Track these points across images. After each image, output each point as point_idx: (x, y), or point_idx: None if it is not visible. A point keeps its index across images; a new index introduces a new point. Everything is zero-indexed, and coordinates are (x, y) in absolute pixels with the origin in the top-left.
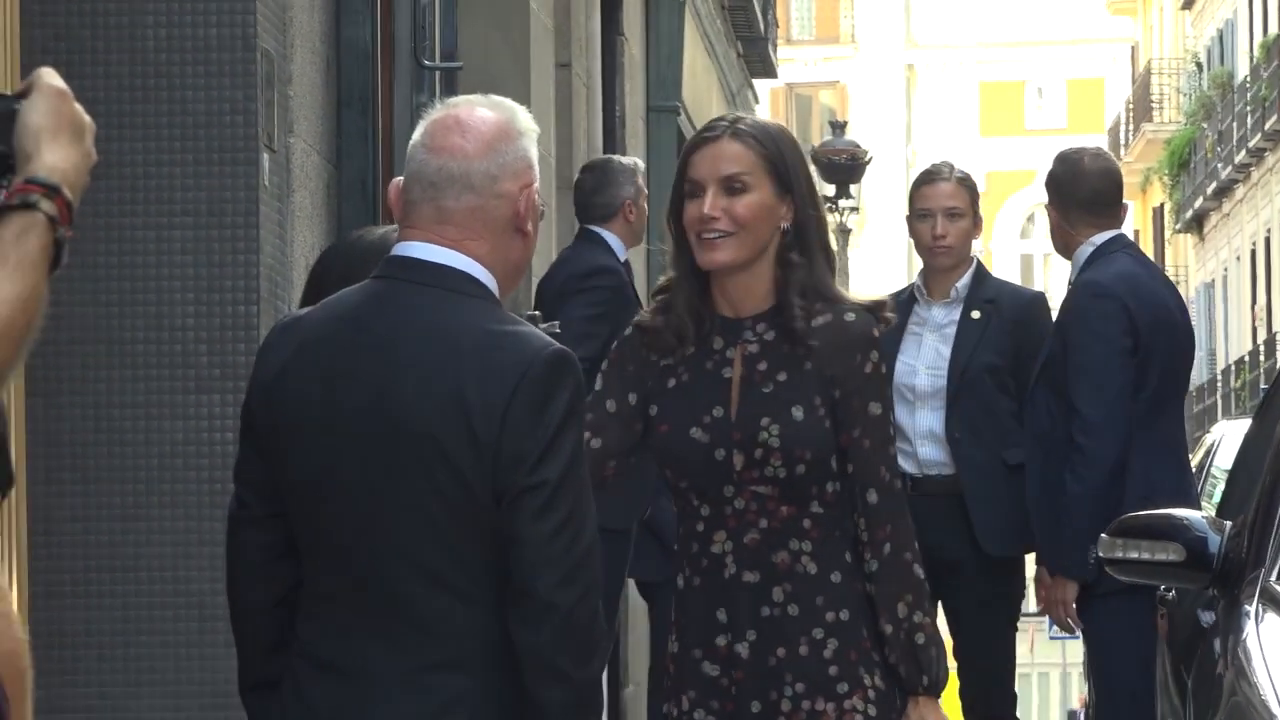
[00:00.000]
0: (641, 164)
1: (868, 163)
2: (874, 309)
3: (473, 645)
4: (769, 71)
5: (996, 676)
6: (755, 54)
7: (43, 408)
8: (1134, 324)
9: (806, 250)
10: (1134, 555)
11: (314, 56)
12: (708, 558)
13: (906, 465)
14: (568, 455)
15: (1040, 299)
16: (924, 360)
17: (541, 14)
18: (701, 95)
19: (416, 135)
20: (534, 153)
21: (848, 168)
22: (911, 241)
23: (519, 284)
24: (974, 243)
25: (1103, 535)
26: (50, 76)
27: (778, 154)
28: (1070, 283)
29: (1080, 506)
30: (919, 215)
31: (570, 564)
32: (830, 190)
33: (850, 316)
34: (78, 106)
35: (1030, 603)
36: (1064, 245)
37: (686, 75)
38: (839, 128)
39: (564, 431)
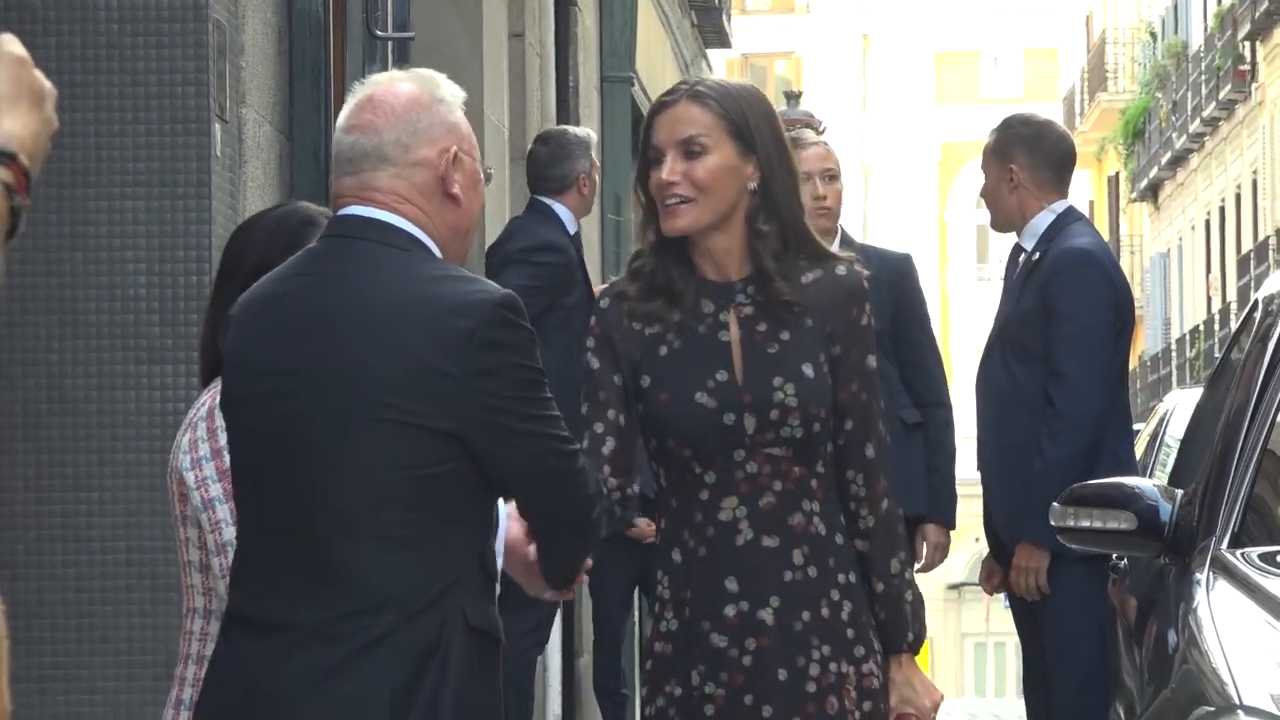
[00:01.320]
0: (594, 135)
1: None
2: (855, 263)
3: (391, 595)
4: (723, 41)
5: None
6: (710, 24)
7: None
8: (1117, 297)
9: (775, 212)
10: (1086, 524)
11: (266, 27)
12: (715, 525)
13: None
14: (541, 394)
15: (909, 260)
16: None
17: None
18: (655, 65)
19: (339, 119)
20: (456, 118)
21: None
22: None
23: (466, 248)
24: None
25: (1054, 504)
26: (10, 43)
27: (739, 114)
28: (1027, 251)
29: (1060, 472)
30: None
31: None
32: None
33: (841, 270)
34: (38, 73)
35: (972, 573)
36: (1019, 209)
37: (640, 45)
38: (794, 98)
39: (533, 369)
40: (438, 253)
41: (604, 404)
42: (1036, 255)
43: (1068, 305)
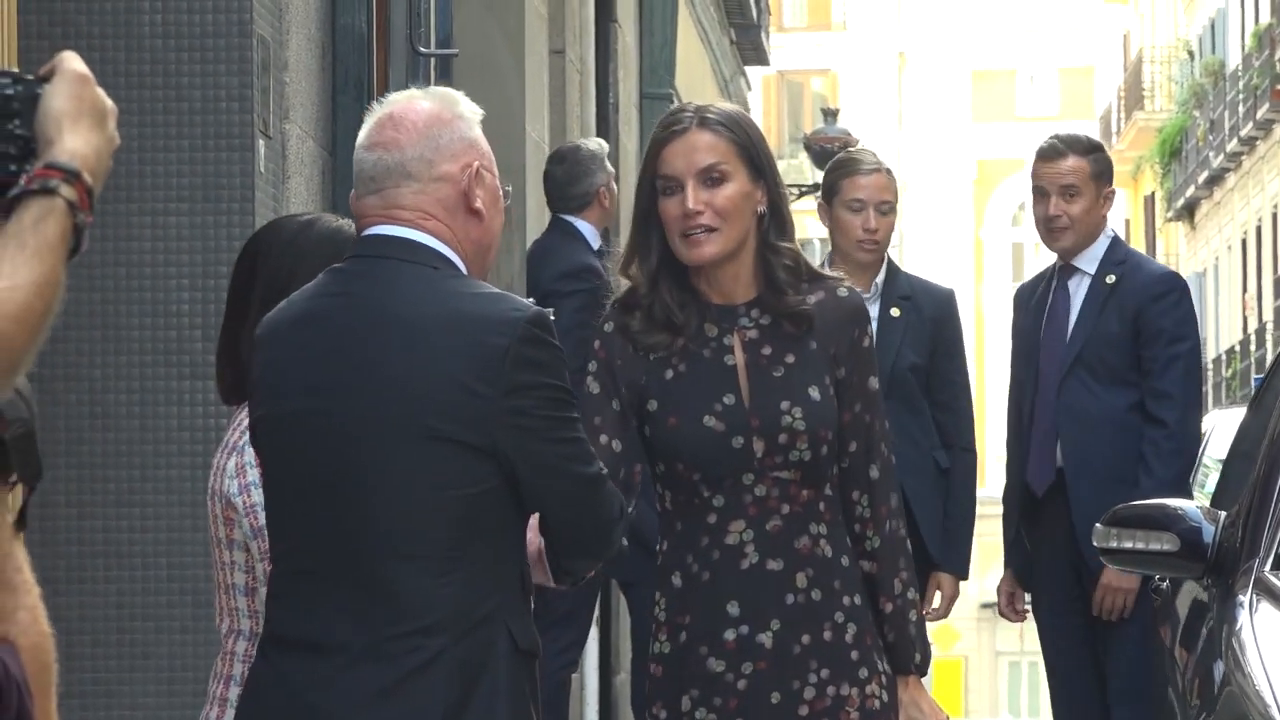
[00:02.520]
0: (606, 145)
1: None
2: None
3: (442, 615)
4: (761, 59)
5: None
6: (748, 41)
7: (38, 394)
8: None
9: (784, 233)
10: (1129, 545)
11: (309, 43)
12: (720, 549)
13: None
14: (568, 413)
15: (952, 296)
16: None
17: (536, 1)
18: (695, 82)
19: (359, 138)
20: (476, 134)
21: None
22: (831, 230)
23: (489, 264)
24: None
25: (1097, 525)
26: (72, 61)
27: (748, 140)
28: (1077, 272)
29: (1171, 492)
30: (850, 206)
31: (601, 513)
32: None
33: (843, 292)
34: (100, 91)
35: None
36: (1089, 232)
37: (680, 62)
38: (831, 115)
39: (564, 389)
40: (464, 269)
41: (598, 429)
42: (1113, 276)
43: (1173, 328)
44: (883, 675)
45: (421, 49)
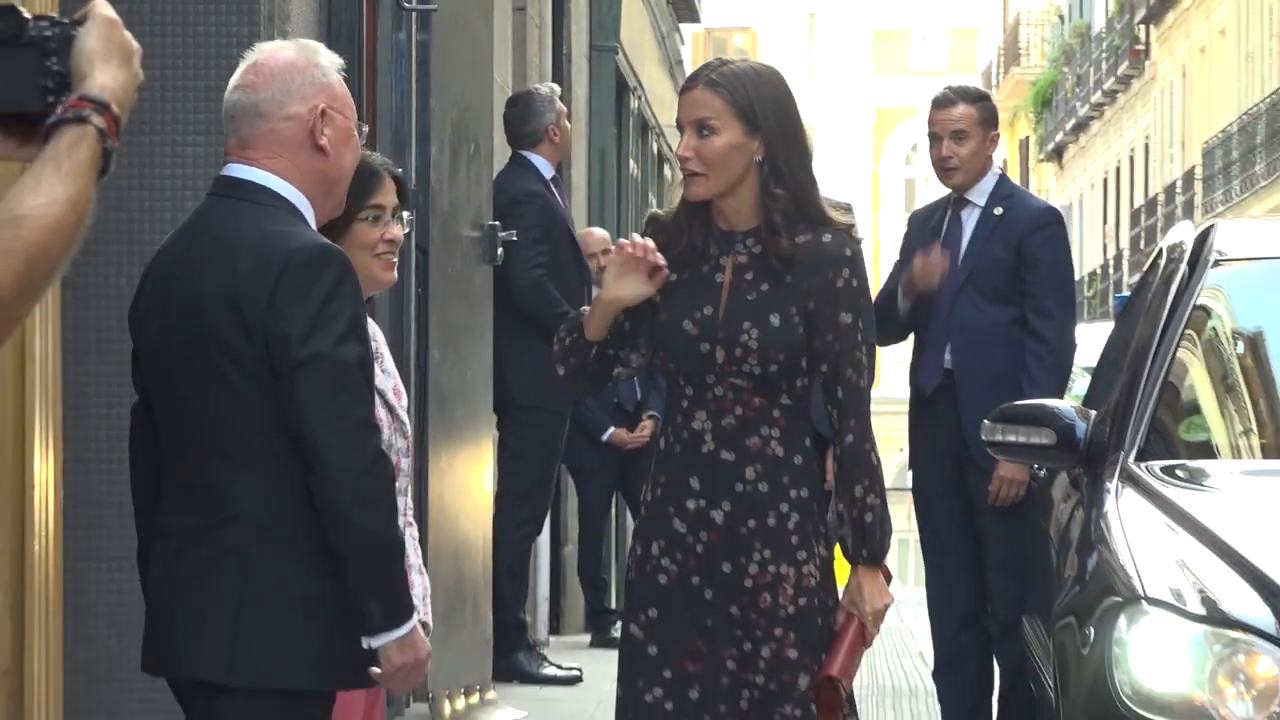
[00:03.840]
0: (558, 88)
1: None
2: (849, 230)
3: (248, 505)
4: (693, 17)
5: None
6: (682, 2)
7: (72, 299)
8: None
9: (782, 179)
10: (1012, 439)
11: (307, 3)
12: (688, 431)
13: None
14: (338, 332)
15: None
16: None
17: None
18: (636, 37)
19: (230, 80)
20: (330, 80)
21: None
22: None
23: (340, 193)
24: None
25: (985, 421)
26: (103, 7)
27: (745, 99)
28: (968, 203)
29: (1053, 394)
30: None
31: (349, 425)
32: None
33: (827, 238)
34: (127, 34)
35: (897, 480)
36: (977, 170)
37: (624, 20)
38: None
39: (328, 310)
40: (298, 202)
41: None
42: (1000, 209)
43: (1051, 256)
44: (818, 559)
45: (405, 4)
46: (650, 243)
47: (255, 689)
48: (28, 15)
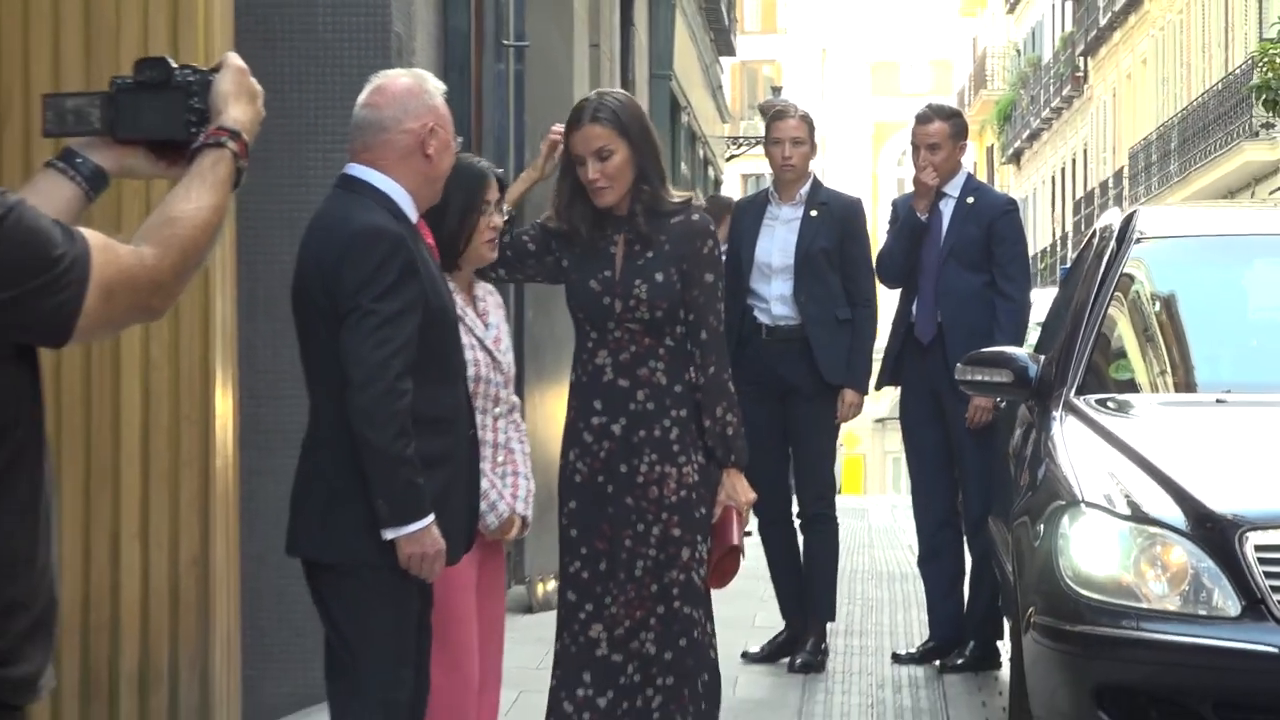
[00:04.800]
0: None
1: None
2: (710, 211)
3: (333, 426)
4: (730, 51)
5: (823, 465)
6: (721, 39)
7: (245, 272)
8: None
9: (647, 179)
10: (980, 378)
11: (429, 37)
12: (593, 365)
13: (763, 318)
14: (377, 291)
15: (858, 202)
16: (776, 244)
17: (580, 9)
18: (686, 67)
19: (359, 98)
20: (436, 102)
21: None
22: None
23: (437, 189)
24: (812, 163)
25: (958, 364)
26: (234, 57)
27: (622, 124)
28: (958, 196)
29: (1017, 342)
30: (774, 143)
31: (373, 364)
32: None
33: (695, 217)
34: (253, 79)
35: (892, 411)
36: (949, 172)
37: (677, 53)
38: (776, 90)
39: (374, 275)
40: (396, 196)
41: (529, 230)
42: (971, 199)
43: (1013, 234)
44: (695, 463)
45: (505, 42)
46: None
47: (337, 564)
48: (174, 64)
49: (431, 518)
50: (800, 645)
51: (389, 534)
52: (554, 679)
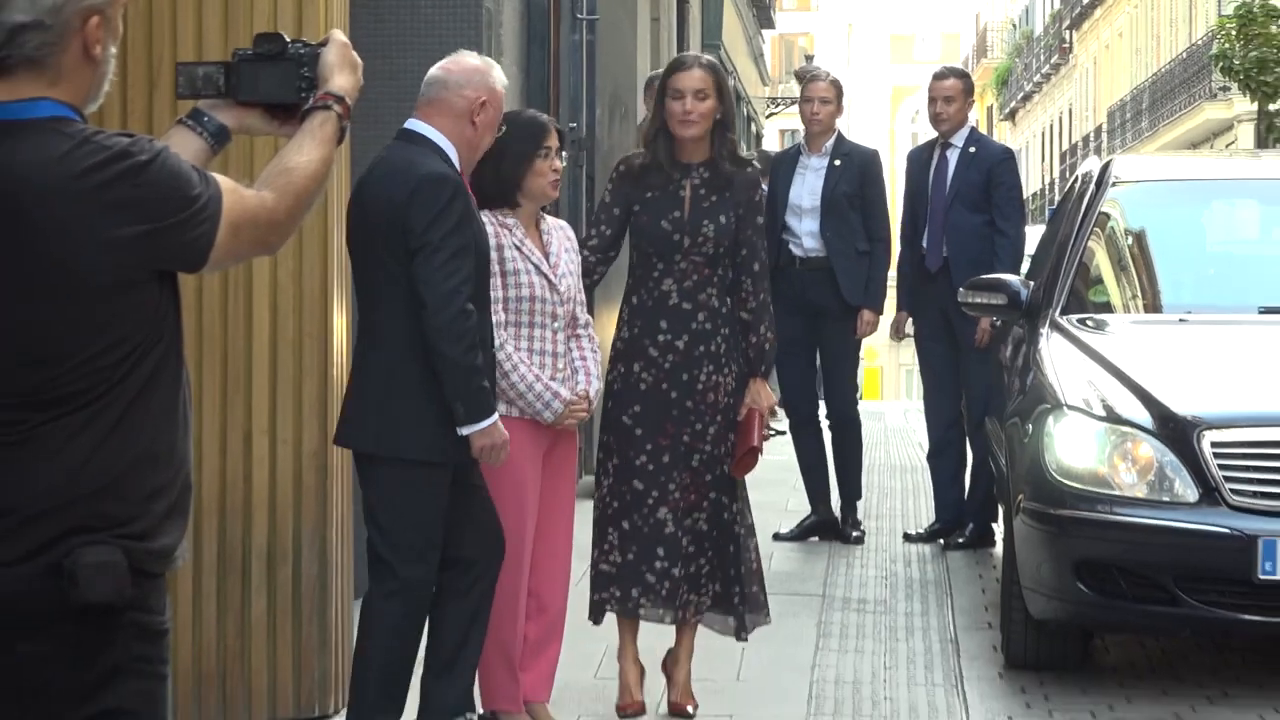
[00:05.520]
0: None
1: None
2: (762, 162)
3: (392, 339)
4: (770, 25)
5: (848, 375)
6: (763, 15)
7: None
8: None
9: (730, 129)
10: (979, 300)
11: (514, 12)
12: (659, 291)
13: (795, 250)
14: (445, 229)
15: (876, 153)
16: (806, 188)
17: None
18: (733, 37)
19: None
20: (496, 87)
21: None
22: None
23: (475, 156)
24: (839, 120)
25: (960, 289)
26: (339, 34)
27: (720, 80)
28: (961, 147)
29: (1011, 269)
30: (806, 101)
31: (446, 290)
32: None
33: (750, 170)
34: (354, 53)
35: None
36: (959, 123)
37: (725, 25)
38: (809, 58)
39: (440, 214)
40: (447, 149)
41: (602, 218)
42: (973, 149)
43: (1009, 178)
44: (735, 371)
45: (579, 15)
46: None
47: (392, 458)
48: (288, 39)
49: (497, 415)
50: (846, 525)
51: (464, 430)
52: (628, 555)
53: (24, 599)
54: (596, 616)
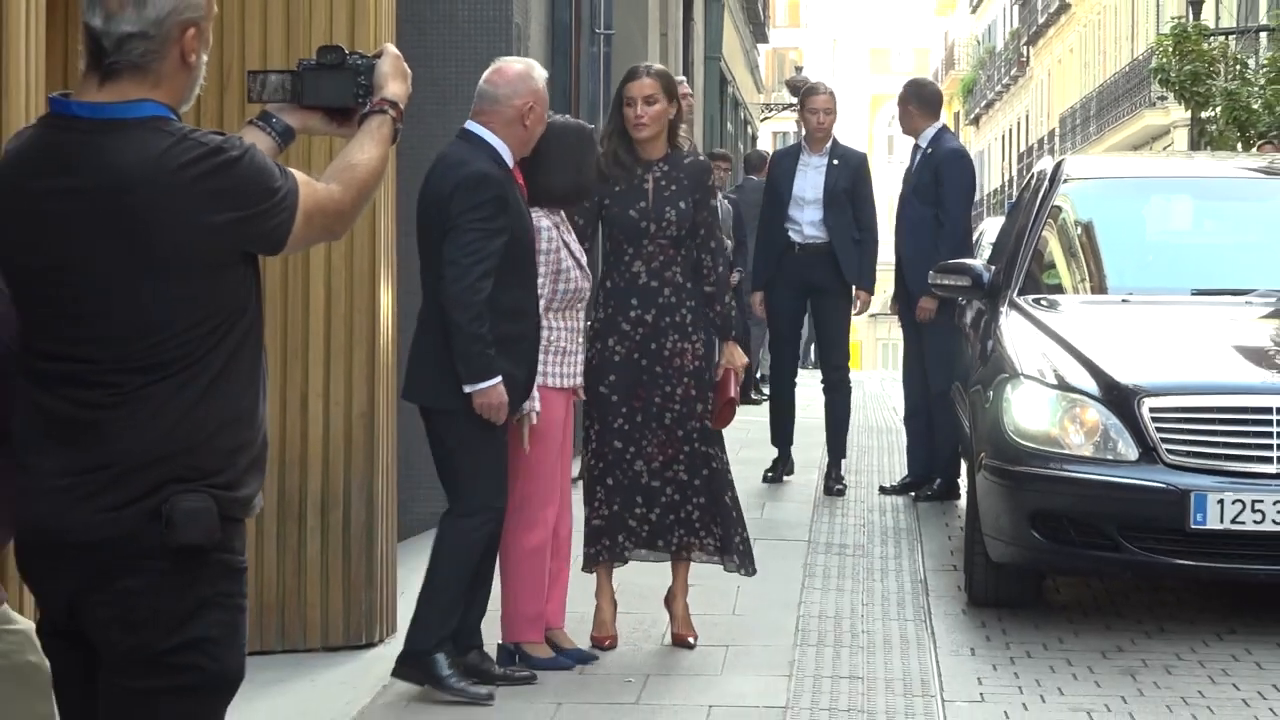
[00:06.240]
0: (685, 82)
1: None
2: (713, 158)
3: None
4: (765, 40)
5: (841, 343)
6: (758, 31)
7: (406, 199)
8: (972, 172)
9: (678, 129)
10: (946, 281)
11: (540, 28)
12: (629, 273)
13: (796, 237)
14: (478, 217)
15: (865, 156)
16: (809, 184)
17: (653, 6)
18: (732, 51)
19: (484, 74)
20: (538, 86)
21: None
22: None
23: (528, 149)
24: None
25: (930, 271)
26: (392, 48)
27: (668, 85)
28: (923, 147)
29: (948, 256)
30: (809, 110)
31: (463, 267)
32: (794, 102)
33: (703, 159)
34: (404, 64)
35: (883, 308)
36: (913, 128)
37: (725, 39)
38: (799, 69)
39: (476, 206)
40: (500, 149)
41: (580, 226)
42: (929, 149)
43: (955, 175)
44: (704, 339)
45: (597, 30)
46: None
47: (447, 410)
48: (347, 50)
49: (497, 379)
50: (830, 479)
51: (466, 389)
52: (613, 506)
53: (128, 539)
54: (589, 566)
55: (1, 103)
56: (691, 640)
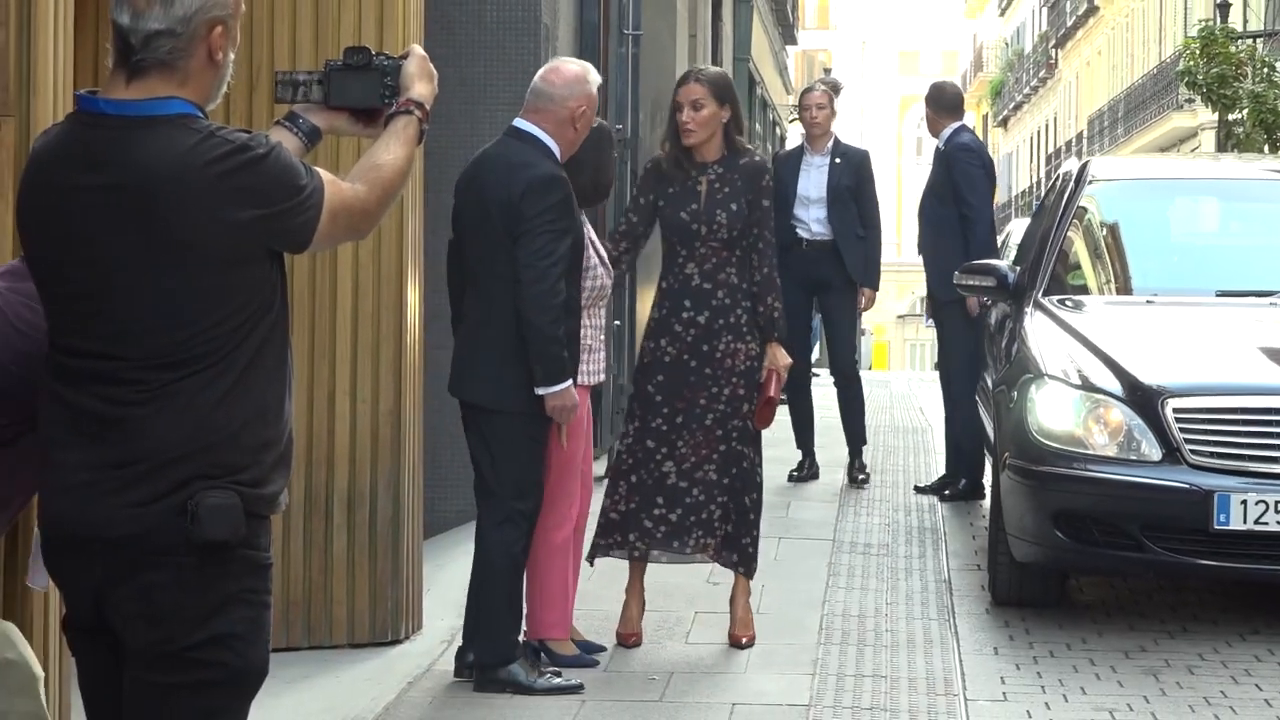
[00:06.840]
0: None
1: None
2: (759, 156)
3: (502, 307)
4: (794, 41)
5: (848, 338)
6: (787, 33)
7: (432, 198)
8: (987, 169)
9: (739, 129)
10: (971, 282)
11: (569, 29)
12: (683, 275)
13: (803, 233)
14: (547, 220)
15: (867, 153)
16: (812, 182)
17: (681, 7)
18: (761, 52)
19: (538, 73)
20: (590, 90)
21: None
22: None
23: (575, 148)
24: (841, 123)
25: (956, 271)
26: (418, 49)
27: (718, 87)
28: (940, 146)
29: (976, 254)
30: (804, 108)
31: (540, 269)
32: None
33: (758, 158)
34: (430, 65)
35: (911, 309)
36: (934, 128)
37: (754, 40)
38: (828, 71)
39: (546, 209)
40: (553, 146)
41: (631, 210)
42: (943, 149)
43: (966, 170)
44: (755, 340)
45: (626, 31)
46: None
47: (505, 411)
48: (374, 52)
49: (570, 381)
50: (853, 469)
51: (540, 390)
52: (632, 504)
53: (153, 535)
54: (591, 559)
55: (31, 100)
56: (744, 641)
